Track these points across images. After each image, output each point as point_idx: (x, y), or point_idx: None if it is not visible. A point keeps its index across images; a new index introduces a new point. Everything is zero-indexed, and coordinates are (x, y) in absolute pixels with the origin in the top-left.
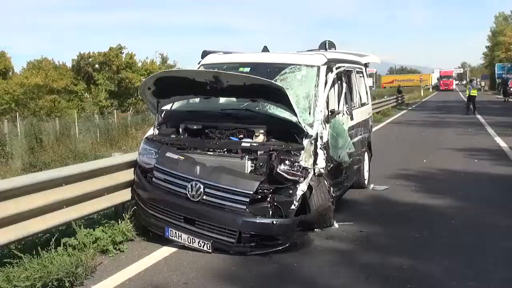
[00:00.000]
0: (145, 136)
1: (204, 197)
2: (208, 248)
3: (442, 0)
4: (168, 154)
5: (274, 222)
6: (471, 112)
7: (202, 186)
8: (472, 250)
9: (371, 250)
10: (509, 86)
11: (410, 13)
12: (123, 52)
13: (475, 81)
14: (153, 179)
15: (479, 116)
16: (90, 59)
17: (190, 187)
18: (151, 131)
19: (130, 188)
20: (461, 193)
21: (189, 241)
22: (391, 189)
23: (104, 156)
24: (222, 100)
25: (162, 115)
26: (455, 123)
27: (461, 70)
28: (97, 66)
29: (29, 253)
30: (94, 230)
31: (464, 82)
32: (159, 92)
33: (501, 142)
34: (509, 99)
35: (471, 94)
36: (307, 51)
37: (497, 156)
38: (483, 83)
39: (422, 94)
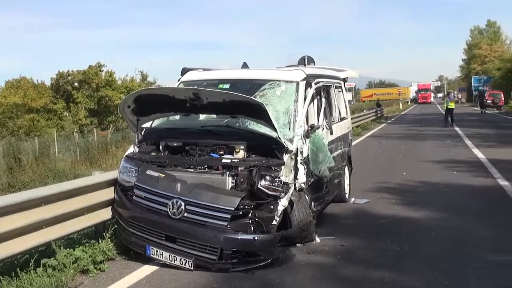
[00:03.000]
0: (125, 154)
1: (185, 214)
2: (190, 265)
3: (419, 15)
4: (149, 172)
5: (256, 238)
6: (449, 124)
7: (183, 204)
8: (453, 262)
9: (352, 264)
10: (486, 98)
11: (388, 28)
12: (103, 70)
13: (452, 94)
14: (134, 197)
15: (457, 128)
16: (69, 78)
17: (171, 204)
18: (131, 149)
19: (111, 207)
20: (440, 205)
21: (171, 259)
22: (372, 203)
23: (84, 175)
24: (202, 117)
25: (142, 133)
26: (434, 136)
27: (439, 83)
28: (76, 84)
29: (8, 275)
30: (74, 250)
31: (440, 95)
32: (139, 110)
33: (479, 153)
34: (486, 111)
35: (448, 106)
36: (286, 66)
37: (475, 168)
38: (460, 96)
39: (401, 107)
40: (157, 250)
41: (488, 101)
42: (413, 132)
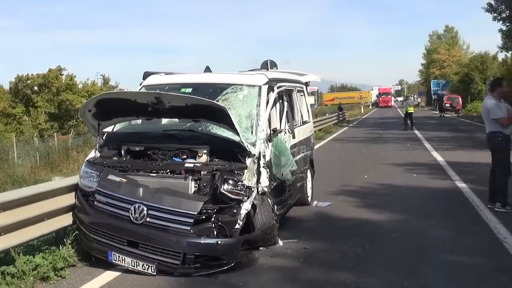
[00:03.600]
0: (86, 159)
1: (148, 219)
2: (153, 270)
3: (380, 20)
4: (110, 177)
5: (219, 242)
6: (409, 128)
7: (145, 208)
8: (413, 263)
9: (315, 267)
10: (444, 102)
11: (350, 33)
12: (63, 74)
13: (411, 99)
14: (95, 202)
15: (416, 132)
16: (28, 81)
17: (133, 209)
18: (93, 154)
19: (72, 213)
20: (401, 207)
21: (133, 265)
22: (334, 205)
23: (44, 180)
24: (164, 121)
25: (104, 137)
26: (394, 139)
27: (399, 87)
28: (36, 88)
29: None
30: (34, 257)
31: (400, 99)
32: (100, 114)
33: (437, 156)
34: (445, 115)
35: (408, 111)
36: (249, 70)
37: (434, 170)
38: (419, 100)
39: (362, 111)
40: (119, 256)
41: (446, 105)
42: (374, 135)
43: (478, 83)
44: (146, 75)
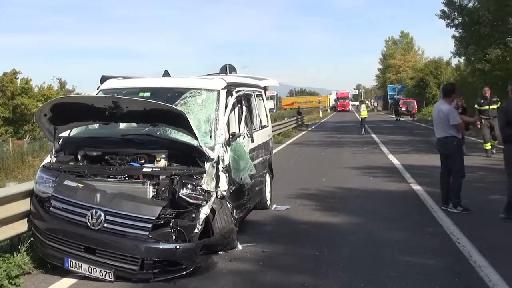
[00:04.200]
0: (42, 164)
1: (105, 225)
2: (110, 277)
3: (338, 25)
4: (67, 182)
5: (178, 247)
6: (366, 132)
7: (102, 214)
8: (370, 265)
9: (273, 270)
10: (400, 106)
11: (309, 38)
12: (18, 77)
13: (362, 105)
14: (51, 208)
15: (373, 135)
16: None
17: (90, 215)
18: (48, 159)
19: (27, 219)
20: (358, 210)
21: (90, 271)
22: (293, 209)
23: None
24: (122, 125)
25: (60, 142)
26: (352, 143)
27: (357, 92)
28: None
29: None
30: None
31: (356, 103)
32: (56, 119)
33: (393, 159)
34: (401, 119)
35: (361, 115)
36: (208, 75)
37: (390, 173)
38: (376, 104)
39: (321, 115)
40: (76, 262)
41: (402, 109)
42: (332, 139)
43: (432, 88)
44: (104, 79)
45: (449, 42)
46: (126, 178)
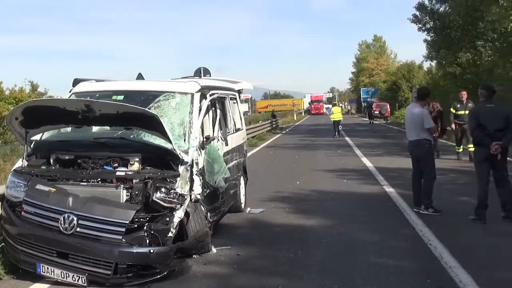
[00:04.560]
0: (13, 168)
1: (78, 229)
2: (83, 282)
3: (312, 29)
4: (38, 186)
5: (151, 251)
6: (340, 135)
7: (75, 218)
8: (343, 267)
9: (248, 273)
10: (374, 109)
11: (283, 41)
12: None
13: (340, 106)
14: (23, 213)
15: (347, 138)
16: None
17: (62, 219)
18: (20, 163)
19: None
20: (332, 213)
21: (63, 276)
22: (267, 212)
23: None
24: (95, 129)
25: (32, 146)
26: (326, 145)
27: (331, 95)
28: None
29: None
30: None
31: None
32: (28, 122)
33: (367, 162)
34: (374, 122)
35: (334, 118)
36: (182, 78)
37: (363, 176)
38: (349, 107)
39: (295, 118)
40: (48, 267)
41: (375, 112)
42: (306, 142)
43: (405, 91)
44: (76, 82)
45: (421, 46)
46: (99, 182)
